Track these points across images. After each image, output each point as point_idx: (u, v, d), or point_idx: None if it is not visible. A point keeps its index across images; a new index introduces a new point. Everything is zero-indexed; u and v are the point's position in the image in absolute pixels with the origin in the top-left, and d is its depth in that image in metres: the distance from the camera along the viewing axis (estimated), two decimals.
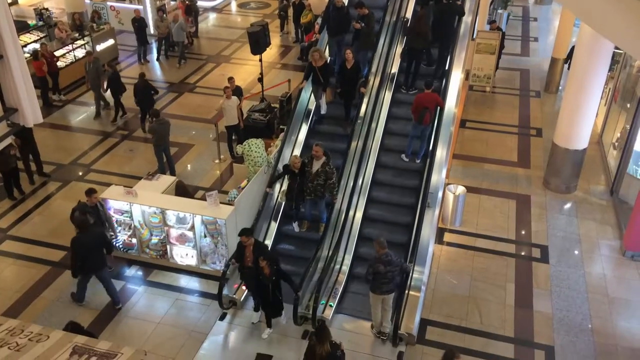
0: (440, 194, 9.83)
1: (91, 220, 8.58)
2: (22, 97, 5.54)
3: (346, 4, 11.49)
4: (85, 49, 15.97)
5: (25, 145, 11.30)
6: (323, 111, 10.81)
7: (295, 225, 9.63)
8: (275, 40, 18.68)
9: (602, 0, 7.45)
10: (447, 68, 11.24)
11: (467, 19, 11.94)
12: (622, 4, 6.80)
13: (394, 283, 7.74)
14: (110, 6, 19.07)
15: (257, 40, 12.92)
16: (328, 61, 10.65)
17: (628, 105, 11.51)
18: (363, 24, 10.61)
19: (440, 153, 10.00)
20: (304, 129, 10.83)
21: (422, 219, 8.95)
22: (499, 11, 19.32)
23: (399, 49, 11.55)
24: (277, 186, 9.84)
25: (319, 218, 9.42)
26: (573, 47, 11.89)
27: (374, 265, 7.58)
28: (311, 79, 10.44)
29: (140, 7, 18.19)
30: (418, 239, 8.81)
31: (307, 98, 11.13)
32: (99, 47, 16.41)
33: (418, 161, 10.24)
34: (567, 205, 11.25)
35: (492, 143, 13.35)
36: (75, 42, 15.78)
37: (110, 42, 16.98)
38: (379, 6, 12.45)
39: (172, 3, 19.22)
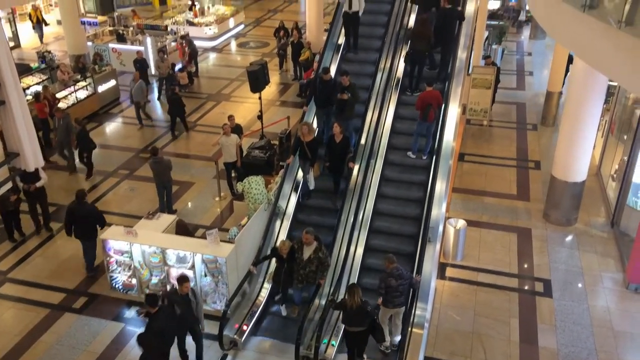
0: (440, 228, 9.82)
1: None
2: (24, 141, 5.59)
3: (333, 76, 11.29)
4: (87, 90, 16.22)
5: (33, 198, 11.19)
6: (311, 187, 10.38)
7: (282, 308, 9.10)
8: (275, 78, 18.95)
9: (594, 34, 7.60)
10: (449, 71, 11.53)
11: (462, 54, 12.15)
12: (614, 38, 6.94)
13: (404, 296, 8.00)
14: (112, 48, 19.42)
15: (257, 79, 13.14)
16: (316, 133, 10.59)
17: (625, 137, 11.60)
18: (349, 94, 10.40)
19: (440, 186, 10.03)
20: (292, 201, 10.48)
21: (424, 255, 8.91)
22: (494, 47, 19.64)
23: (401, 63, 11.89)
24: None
25: (309, 300, 8.86)
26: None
27: (386, 280, 7.83)
28: (299, 154, 10.15)
29: (141, 48, 18.52)
30: (420, 274, 8.76)
31: (295, 172, 10.79)
32: (101, 88, 16.65)
33: (424, 157, 10.54)
34: (568, 238, 11.22)
35: (491, 176, 13.41)
36: (77, 84, 16.01)
37: (112, 82, 17.23)
38: (384, 12, 12.95)
39: (173, 44, 19.56)
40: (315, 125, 11.22)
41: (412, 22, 12.54)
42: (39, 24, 21.88)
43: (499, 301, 9.55)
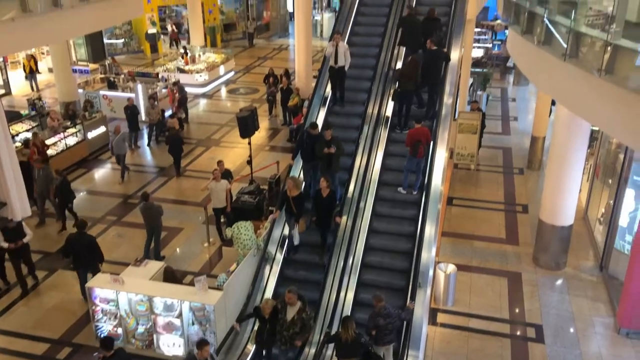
0: (431, 273, 9.78)
1: None
2: (12, 191, 5.58)
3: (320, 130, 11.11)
4: (77, 137, 16.27)
5: (18, 257, 10.69)
6: (296, 242, 10.22)
7: None
8: (264, 123, 19.15)
9: (575, 82, 7.83)
10: (436, 109, 11.71)
11: (447, 100, 12.38)
12: (595, 86, 7.15)
13: (394, 334, 8.06)
14: (103, 95, 19.60)
15: (246, 125, 13.27)
16: (303, 186, 10.55)
17: (610, 181, 11.78)
18: (334, 147, 10.34)
19: (429, 231, 10.03)
20: (278, 258, 10.27)
21: (417, 281, 8.86)
22: (479, 92, 20.09)
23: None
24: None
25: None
26: None
27: (375, 319, 7.87)
28: (285, 208, 10.09)
29: (132, 95, 18.70)
30: (411, 321, 8.67)
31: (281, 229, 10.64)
32: (91, 135, 16.70)
33: (415, 193, 10.61)
34: (558, 282, 11.22)
35: (479, 220, 13.48)
36: (66, 130, 16.05)
37: (102, 129, 17.31)
38: (372, 55, 13.11)
39: (163, 91, 19.79)
40: (301, 177, 11.22)
41: (399, 65, 12.83)
42: (32, 73, 21.98)
43: (492, 347, 9.45)
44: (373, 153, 11.33)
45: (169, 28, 29.18)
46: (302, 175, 11.23)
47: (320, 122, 11.99)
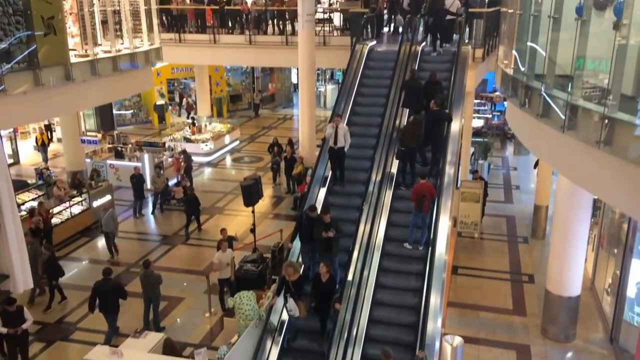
0: (437, 345, 9.54)
1: None
2: (15, 264, 5.56)
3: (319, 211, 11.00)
4: (82, 205, 16.39)
5: (15, 344, 10.36)
6: (295, 314, 9.62)
7: None
8: (268, 191, 19.30)
9: (575, 153, 7.94)
10: (440, 167, 11.88)
11: (449, 170, 12.53)
12: (594, 157, 7.25)
13: None
14: (110, 164, 19.93)
15: (250, 193, 13.40)
16: (302, 269, 10.41)
17: (615, 251, 11.69)
18: (334, 231, 10.26)
19: (435, 301, 9.87)
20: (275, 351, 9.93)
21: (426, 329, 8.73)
22: (480, 161, 20.32)
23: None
24: None
25: None
26: None
27: None
28: (283, 292, 9.84)
29: (139, 164, 19.00)
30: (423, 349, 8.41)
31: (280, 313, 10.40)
32: (96, 203, 16.82)
33: (421, 248, 10.63)
34: (568, 355, 10.92)
35: (485, 290, 13.28)
36: (72, 199, 16.20)
37: (107, 197, 17.46)
38: (377, 114, 13.37)
39: (169, 160, 20.11)
40: (300, 259, 11.05)
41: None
42: (43, 146, 22.21)
43: None
44: (377, 217, 11.33)
45: (184, 102, 30.03)
46: (300, 257, 11.07)
47: (320, 202, 11.99)
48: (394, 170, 12.29)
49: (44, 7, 11.12)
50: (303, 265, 10.72)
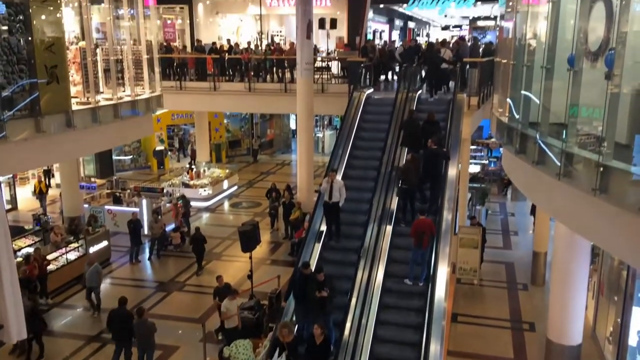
0: None
1: None
2: (10, 314, 5.49)
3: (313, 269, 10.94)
4: (78, 251, 16.29)
5: None
6: None
7: None
8: (266, 237, 19.23)
9: (571, 200, 7.98)
10: (439, 205, 11.97)
11: (447, 215, 12.54)
12: (591, 204, 7.28)
13: None
14: (108, 210, 19.92)
15: (248, 239, 13.36)
16: (296, 328, 10.27)
17: (615, 298, 11.59)
18: (327, 290, 10.07)
19: (434, 349, 9.71)
20: None
21: None
22: (478, 207, 20.36)
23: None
24: None
25: None
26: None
27: None
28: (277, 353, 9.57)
29: (137, 209, 18.99)
30: None
31: None
32: (92, 249, 16.73)
33: (421, 284, 10.67)
34: None
35: (486, 338, 13.08)
36: (69, 245, 16.12)
37: (104, 243, 17.38)
38: (376, 157, 13.49)
39: (168, 205, 20.12)
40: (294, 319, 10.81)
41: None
42: (41, 194, 21.99)
43: None
44: (376, 261, 11.28)
45: (189, 148, 30.35)
46: (294, 316, 10.87)
47: (315, 258, 11.90)
48: (394, 207, 12.42)
49: (48, 56, 11.37)
50: (297, 325, 10.47)
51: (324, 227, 12.54)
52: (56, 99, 11.71)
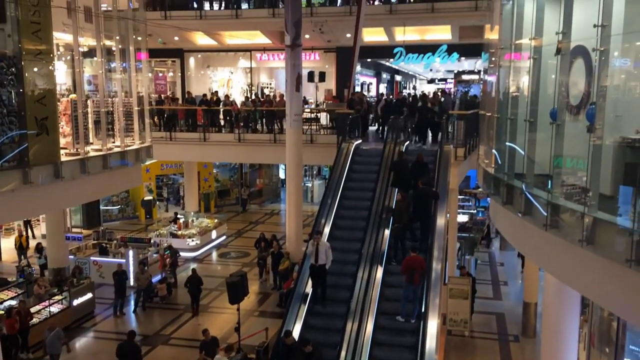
0: None
1: None
2: None
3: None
4: (62, 304, 15.94)
5: None
6: None
7: None
8: (254, 287, 18.97)
9: (559, 250, 8.02)
10: (429, 244, 12.24)
11: (436, 265, 12.51)
12: (578, 255, 7.32)
13: None
14: (93, 261, 19.62)
15: (236, 290, 13.18)
16: None
17: (607, 350, 11.46)
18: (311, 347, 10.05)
19: None
20: None
21: None
22: (467, 257, 20.32)
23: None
24: None
25: None
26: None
27: None
28: None
29: (123, 260, 18.74)
30: None
31: None
32: (76, 302, 16.38)
33: (413, 321, 10.75)
34: None
35: None
36: (52, 297, 15.78)
37: (89, 296, 17.05)
38: (367, 198, 13.72)
39: (154, 256, 19.88)
40: None
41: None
42: (21, 249, 21.13)
43: None
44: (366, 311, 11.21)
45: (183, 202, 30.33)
46: None
47: (299, 323, 11.74)
48: (384, 249, 12.60)
49: (39, 108, 11.46)
50: None
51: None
52: (45, 150, 11.72)
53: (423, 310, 11.31)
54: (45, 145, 11.68)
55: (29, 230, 23.76)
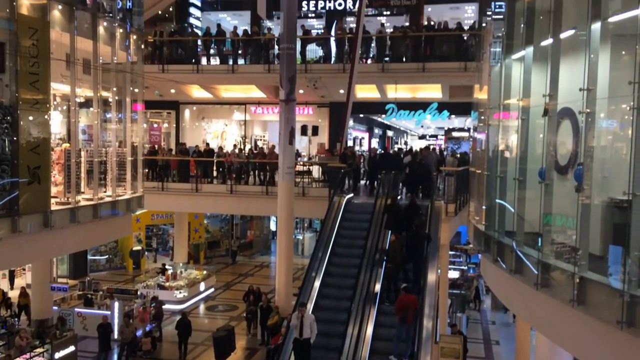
0: None
1: None
2: None
3: None
4: (43, 357, 15.45)
5: None
6: None
7: None
8: (241, 342, 18.52)
9: (550, 310, 7.97)
10: (421, 285, 12.30)
11: (427, 323, 12.33)
12: (569, 315, 7.27)
13: None
14: (77, 312, 19.18)
15: (222, 345, 12.93)
16: None
17: None
18: None
19: None
20: None
21: None
22: (458, 314, 20.09)
23: None
24: None
25: None
26: None
27: None
28: None
29: (107, 312, 18.34)
30: None
31: None
32: (58, 355, 15.87)
33: None
34: None
35: None
36: (34, 350, 15.30)
37: (71, 349, 16.53)
38: (357, 255, 13.52)
39: (141, 308, 19.48)
40: None
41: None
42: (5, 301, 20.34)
43: None
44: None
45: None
46: None
47: None
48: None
49: (32, 157, 11.50)
50: None
51: None
52: (36, 199, 11.69)
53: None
54: (36, 194, 11.66)
55: (12, 281, 23.30)
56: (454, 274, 24.60)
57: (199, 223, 30.89)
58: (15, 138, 11.18)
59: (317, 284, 13.66)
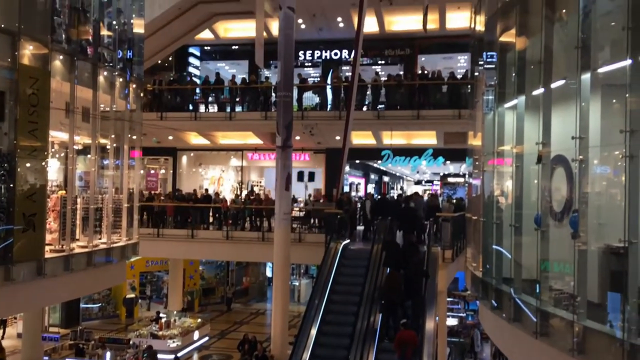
0: None
1: None
2: None
3: None
4: None
5: None
6: None
7: None
8: None
9: (550, 358, 7.83)
10: (420, 323, 12.44)
11: None
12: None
13: None
14: None
15: None
16: None
17: None
18: None
19: None
20: None
21: None
22: None
23: None
24: None
25: None
26: None
27: None
28: None
29: None
30: None
31: None
32: None
33: None
34: None
35: None
36: None
37: None
38: (359, 283, 13.87)
39: (133, 359, 19.02)
40: None
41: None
42: None
43: None
44: None
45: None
46: None
47: None
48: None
49: (28, 204, 11.44)
50: None
51: None
52: (30, 247, 11.54)
53: None
54: (31, 241, 11.53)
55: (3, 330, 22.83)
56: (452, 321, 24.26)
57: (194, 270, 30.58)
58: (12, 185, 11.14)
59: (313, 331, 13.45)
